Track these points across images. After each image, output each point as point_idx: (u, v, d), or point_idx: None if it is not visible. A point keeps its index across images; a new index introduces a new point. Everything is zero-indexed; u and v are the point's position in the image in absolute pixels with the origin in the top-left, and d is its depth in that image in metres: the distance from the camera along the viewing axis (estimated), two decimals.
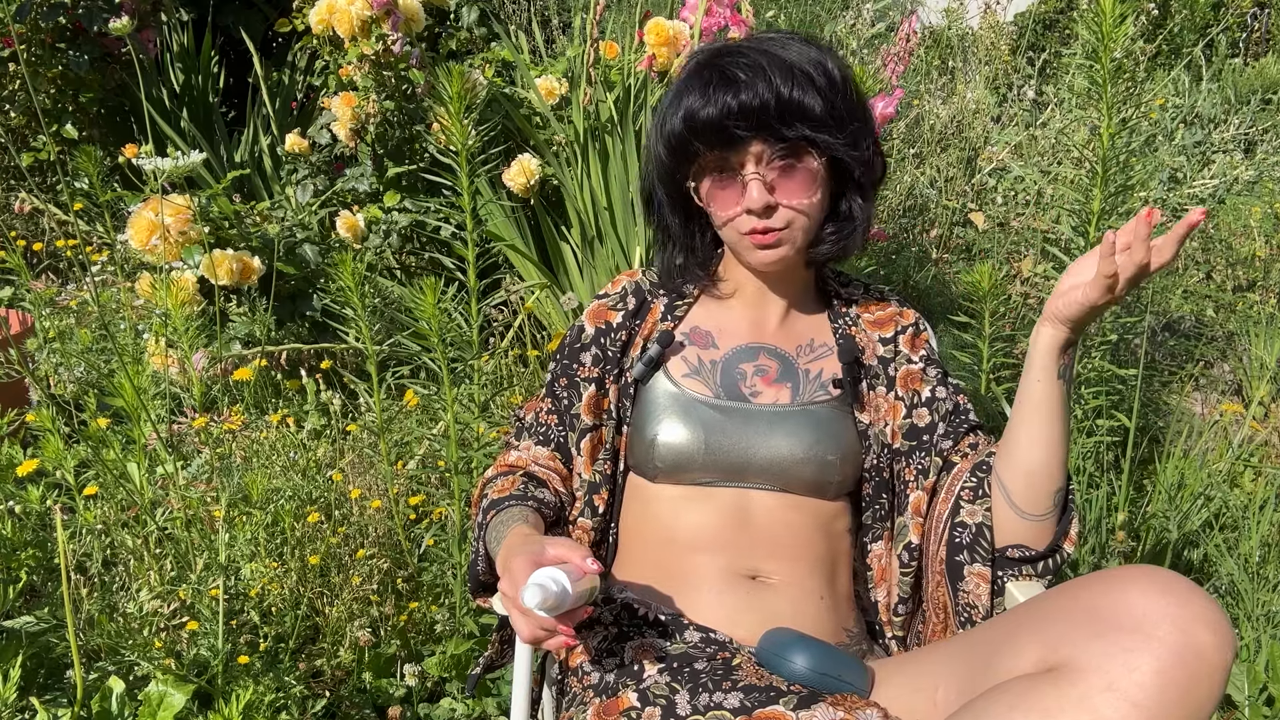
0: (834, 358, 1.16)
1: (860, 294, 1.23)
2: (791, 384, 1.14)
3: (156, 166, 1.75)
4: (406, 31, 2.56)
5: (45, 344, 2.16)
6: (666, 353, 1.16)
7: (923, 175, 3.50)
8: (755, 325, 1.18)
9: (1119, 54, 1.61)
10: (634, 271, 1.25)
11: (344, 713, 1.54)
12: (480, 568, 1.11)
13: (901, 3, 5.03)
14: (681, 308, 1.20)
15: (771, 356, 1.16)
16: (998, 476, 1.06)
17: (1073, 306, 0.96)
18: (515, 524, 1.03)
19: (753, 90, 1.00)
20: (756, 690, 0.89)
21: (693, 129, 1.04)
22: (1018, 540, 1.05)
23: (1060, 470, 1.03)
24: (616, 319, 1.20)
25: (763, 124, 1.01)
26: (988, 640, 0.88)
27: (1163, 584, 0.78)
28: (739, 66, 1.02)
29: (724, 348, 1.16)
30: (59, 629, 1.43)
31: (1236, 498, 1.97)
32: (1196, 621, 0.75)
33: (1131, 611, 0.77)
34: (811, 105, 1.01)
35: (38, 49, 3.05)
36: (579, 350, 1.20)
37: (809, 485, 1.10)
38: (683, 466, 1.10)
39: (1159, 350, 2.91)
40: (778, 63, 1.02)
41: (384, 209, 2.61)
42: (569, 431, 1.19)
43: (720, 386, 1.14)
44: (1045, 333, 1.00)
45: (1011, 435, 1.04)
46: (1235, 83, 4.59)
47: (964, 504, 1.08)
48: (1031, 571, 1.05)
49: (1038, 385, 1.01)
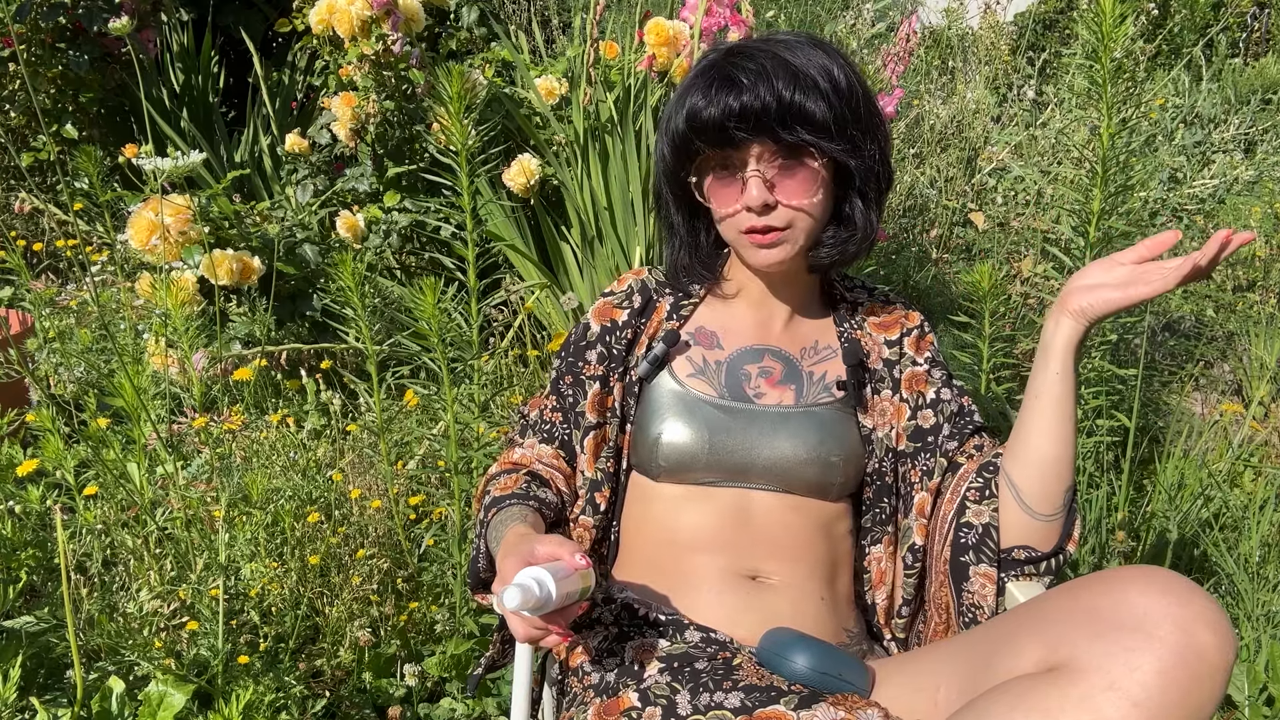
0: (838, 360, 1.16)
1: (866, 297, 1.23)
2: (795, 386, 1.14)
3: (156, 166, 1.75)
4: (406, 31, 2.56)
5: (45, 344, 2.16)
6: (672, 352, 1.16)
7: (923, 175, 3.50)
8: (760, 327, 1.18)
9: (1119, 54, 1.61)
10: (640, 270, 1.25)
11: (344, 713, 1.54)
12: (481, 565, 1.11)
13: (901, 3, 5.03)
14: (687, 307, 1.20)
15: (776, 358, 1.16)
16: (1008, 476, 1.06)
17: (1104, 305, 0.97)
18: (514, 523, 1.03)
19: (754, 93, 1.00)
20: (757, 690, 0.89)
21: (694, 128, 1.04)
22: (1024, 541, 1.05)
23: (1071, 467, 1.03)
24: (622, 317, 1.20)
25: (763, 126, 1.01)
26: (988, 640, 0.89)
27: (1163, 584, 0.78)
28: (743, 69, 1.02)
29: (729, 348, 1.16)
30: (59, 629, 1.43)
31: (1236, 498, 1.97)
32: (1198, 621, 0.75)
33: (1133, 611, 0.77)
34: (813, 110, 1.01)
35: (38, 49, 3.05)
36: (584, 348, 1.20)
37: (811, 486, 1.10)
38: (686, 466, 1.10)
39: (1159, 350, 2.91)
40: (783, 65, 1.02)
41: (384, 209, 2.61)
42: (573, 429, 1.19)
43: (725, 387, 1.14)
44: (1068, 325, 1.00)
45: (1025, 431, 1.04)
46: (1235, 83, 4.59)
47: (970, 504, 1.08)
48: (1034, 571, 1.05)
49: (1056, 378, 1.01)
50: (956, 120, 3.81)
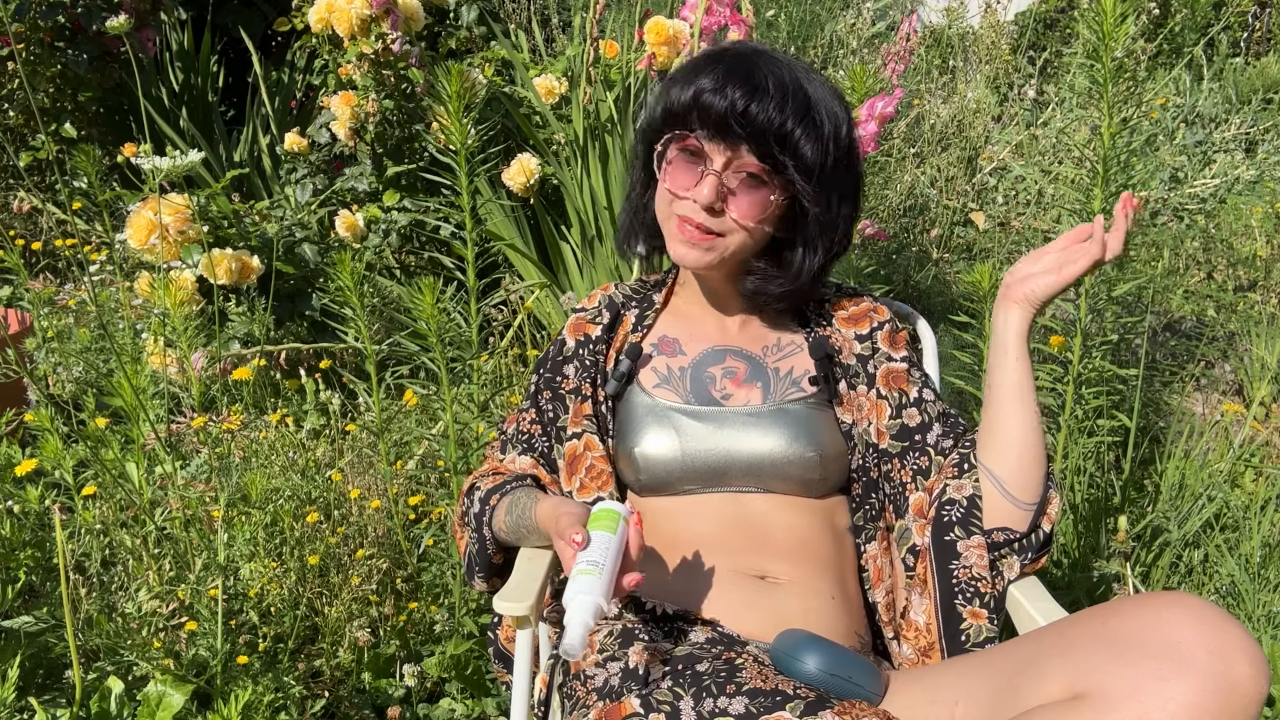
0: (804, 355, 1.16)
1: (832, 292, 1.23)
2: (762, 384, 1.14)
3: (155, 166, 1.75)
4: (406, 30, 2.56)
5: (44, 343, 2.15)
6: (636, 365, 1.17)
7: (923, 175, 3.50)
8: (719, 329, 1.19)
9: (1120, 53, 1.60)
10: (608, 285, 1.27)
11: (343, 713, 1.54)
12: (490, 550, 1.12)
13: (902, 2, 5.02)
14: (649, 317, 1.21)
15: (738, 358, 1.16)
16: (988, 471, 1.06)
17: (1044, 289, 1.03)
18: (539, 498, 1.08)
19: (767, 104, 1.01)
20: (762, 694, 0.88)
21: (699, 104, 1.04)
22: (1003, 524, 1.06)
23: (1044, 448, 1.06)
24: (596, 332, 1.21)
25: (760, 137, 1.01)
26: (1013, 661, 0.87)
27: (1199, 612, 0.75)
28: (769, 75, 1.03)
29: (691, 353, 1.17)
30: (57, 629, 1.42)
31: (1237, 498, 1.97)
32: (1235, 651, 0.73)
33: (1166, 639, 0.74)
34: (806, 151, 1.03)
35: (36, 48, 3.05)
36: (561, 363, 1.21)
37: (792, 484, 1.10)
38: (663, 479, 1.11)
39: (1160, 350, 2.91)
40: (802, 94, 1.04)
41: (383, 208, 2.61)
42: (553, 442, 1.20)
43: (690, 392, 1.14)
44: (1017, 314, 1.05)
45: (997, 424, 1.06)
46: (1236, 82, 4.58)
47: (950, 481, 1.09)
48: (1010, 551, 1.06)
49: (1017, 364, 1.05)
50: (957, 120, 3.80)
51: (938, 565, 1.07)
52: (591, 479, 1.15)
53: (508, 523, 1.11)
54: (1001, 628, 1.06)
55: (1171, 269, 3.23)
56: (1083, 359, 1.79)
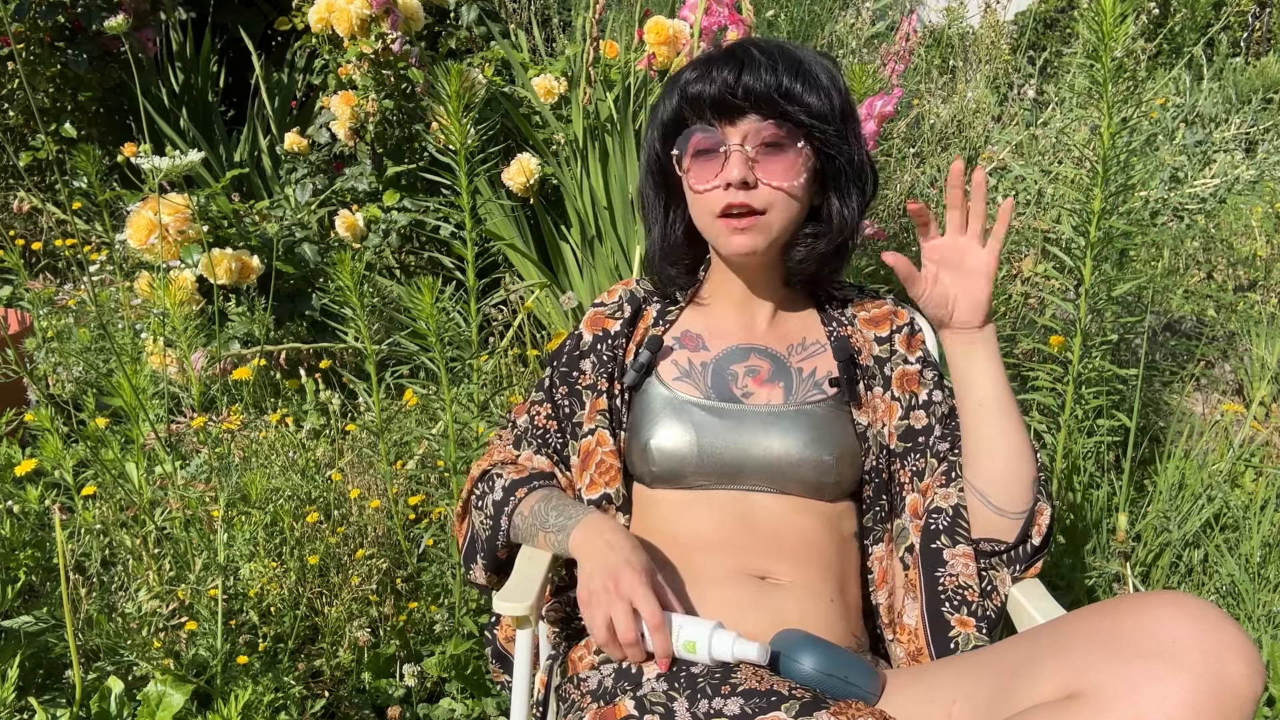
0: (828, 355, 1.16)
1: (855, 294, 1.23)
2: (784, 383, 1.14)
3: (155, 165, 1.74)
4: (406, 30, 2.56)
5: (44, 343, 2.15)
6: (657, 358, 1.16)
7: (923, 175, 3.50)
8: (744, 326, 1.18)
9: (1120, 53, 1.60)
10: (629, 280, 1.27)
11: (343, 713, 1.54)
12: (501, 540, 1.11)
13: (901, 2, 5.02)
14: (673, 313, 1.20)
15: (762, 356, 1.16)
16: (972, 486, 1.06)
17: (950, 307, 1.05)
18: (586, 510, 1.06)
19: (757, 71, 1.02)
20: (757, 695, 0.88)
21: (690, 96, 1.06)
22: (990, 534, 1.06)
23: (1033, 456, 1.04)
24: (615, 327, 1.20)
25: (761, 100, 1.02)
26: (1009, 660, 0.87)
27: (1193, 611, 0.75)
28: (747, 52, 1.05)
29: (714, 350, 1.16)
30: (57, 629, 1.42)
31: (1237, 498, 1.97)
32: (1230, 650, 0.73)
33: (1161, 638, 0.74)
34: (810, 100, 1.04)
35: (36, 48, 3.05)
36: (578, 358, 1.20)
37: (806, 486, 1.09)
38: (676, 471, 1.10)
39: (1160, 350, 2.91)
40: (787, 55, 1.05)
41: (383, 208, 2.60)
42: (568, 438, 1.19)
43: (710, 388, 1.13)
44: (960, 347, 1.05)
45: (977, 439, 1.05)
46: (1236, 82, 4.58)
47: (937, 489, 1.09)
48: (1000, 563, 1.06)
49: (990, 384, 1.03)
50: (957, 119, 3.80)
51: (924, 572, 1.07)
52: (600, 474, 1.14)
53: (526, 521, 1.10)
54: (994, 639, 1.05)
55: (1171, 269, 3.23)
56: (1083, 359, 1.79)
